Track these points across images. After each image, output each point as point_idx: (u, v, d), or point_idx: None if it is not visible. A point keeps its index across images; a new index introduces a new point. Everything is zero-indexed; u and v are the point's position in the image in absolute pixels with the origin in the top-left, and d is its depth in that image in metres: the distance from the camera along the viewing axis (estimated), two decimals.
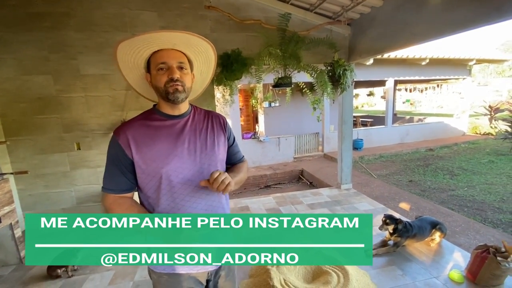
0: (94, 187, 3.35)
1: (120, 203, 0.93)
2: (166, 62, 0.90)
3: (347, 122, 4.05)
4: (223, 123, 1.10)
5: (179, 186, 0.93)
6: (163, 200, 0.94)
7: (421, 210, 3.93)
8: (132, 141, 0.91)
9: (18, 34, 2.90)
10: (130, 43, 0.88)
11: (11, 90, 2.98)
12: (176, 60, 0.91)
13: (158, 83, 0.91)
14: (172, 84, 0.90)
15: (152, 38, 0.87)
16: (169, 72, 0.90)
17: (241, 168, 1.13)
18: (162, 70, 0.91)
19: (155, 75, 0.92)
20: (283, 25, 3.13)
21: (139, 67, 0.97)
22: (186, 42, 0.92)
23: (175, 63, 0.91)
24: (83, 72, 3.10)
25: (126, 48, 0.89)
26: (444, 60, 8.01)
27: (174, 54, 0.92)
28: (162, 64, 0.90)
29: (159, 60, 0.90)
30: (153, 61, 0.92)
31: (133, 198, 0.99)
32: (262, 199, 3.98)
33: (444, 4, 2.35)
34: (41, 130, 3.11)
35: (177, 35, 0.88)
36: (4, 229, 2.38)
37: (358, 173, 5.98)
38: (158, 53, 0.91)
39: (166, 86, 0.90)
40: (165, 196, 0.93)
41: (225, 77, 3.09)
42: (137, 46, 0.89)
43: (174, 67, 0.91)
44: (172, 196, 0.93)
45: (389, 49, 3.13)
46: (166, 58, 0.90)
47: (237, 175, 1.05)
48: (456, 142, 8.87)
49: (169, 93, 0.91)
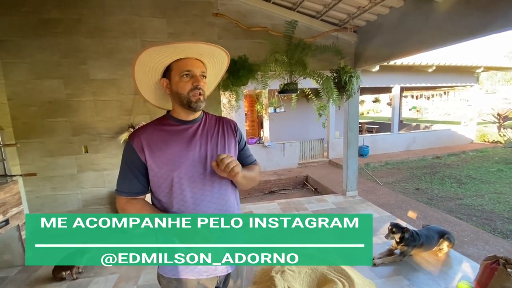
0: (100, 190, 3.38)
1: (133, 203, 0.97)
2: (192, 70, 0.94)
3: (353, 128, 4.03)
4: (234, 128, 1.12)
5: (189, 189, 0.95)
6: (175, 203, 0.95)
7: (428, 219, 3.86)
8: (146, 145, 0.94)
9: (31, 39, 2.98)
10: (159, 50, 0.90)
11: (22, 94, 3.05)
12: (199, 69, 0.96)
13: (181, 89, 0.94)
14: (196, 93, 0.94)
15: (181, 47, 0.90)
16: (193, 80, 0.94)
17: (253, 168, 1.15)
18: (186, 77, 0.94)
19: (178, 81, 0.94)
20: (290, 32, 3.16)
21: (157, 72, 0.98)
22: (210, 54, 0.97)
23: (198, 72, 0.96)
24: (92, 77, 3.16)
25: (153, 53, 0.91)
26: (451, 67, 7.96)
27: (198, 63, 0.96)
28: (188, 72, 0.94)
29: (185, 68, 0.93)
30: (176, 68, 0.95)
31: (146, 200, 1.01)
32: (266, 205, 3.96)
33: (451, 12, 2.35)
34: (50, 133, 3.17)
35: (205, 47, 0.93)
36: (12, 230, 2.41)
37: (363, 180, 5.92)
38: (183, 60, 0.94)
39: (189, 94, 0.94)
40: (176, 199, 0.95)
41: (232, 83, 3.12)
42: (164, 52, 0.92)
43: (198, 75, 0.95)
44: (183, 199, 0.95)
45: (396, 56, 3.13)
46: (191, 66, 0.94)
47: (248, 171, 1.07)
48: (463, 150, 8.74)
49: (192, 102, 0.95)
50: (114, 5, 3.10)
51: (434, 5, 2.48)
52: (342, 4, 3.09)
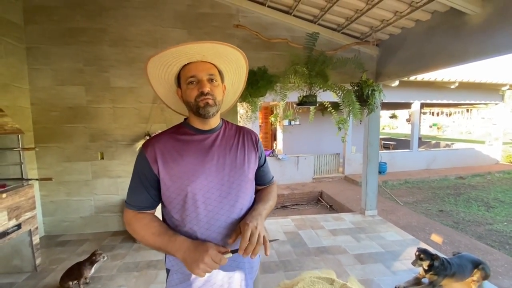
0: (113, 197, 3.36)
1: (140, 218, 0.88)
2: (196, 75, 0.86)
3: (373, 144, 3.86)
4: (255, 141, 1.03)
5: (204, 206, 0.86)
6: (187, 221, 0.86)
7: (456, 245, 3.56)
8: (159, 155, 0.86)
9: (58, 47, 3.09)
10: (159, 58, 0.84)
11: (45, 99, 3.13)
12: (205, 72, 0.87)
13: (189, 97, 0.87)
14: (203, 98, 0.85)
15: (180, 51, 0.82)
16: (199, 85, 0.86)
17: (271, 194, 1.06)
18: (192, 84, 0.86)
19: (185, 89, 0.88)
20: (310, 44, 3.11)
21: (170, 83, 0.94)
22: (215, 53, 0.87)
23: (205, 76, 0.86)
24: (113, 85, 3.21)
25: (156, 63, 0.86)
26: (475, 84, 7.66)
27: (203, 66, 0.87)
28: (192, 78, 0.86)
29: (188, 74, 0.86)
30: (183, 75, 0.88)
31: (154, 214, 0.93)
32: (280, 221, 3.80)
33: (484, 25, 2.22)
34: (69, 138, 3.21)
35: (205, 45, 0.83)
36: (23, 235, 2.38)
37: (382, 199, 5.64)
38: (187, 66, 0.87)
39: (196, 101, 0.86)
40: (189, 217, 0.86)
41: (250, 93, 3.07)
42: (167, 61, 0.85)
43: (204, 80, 0.86)
44: (196, 217, 0.86)
45: (422, 70, 2.99)
46: (195, 71, 0.86)
47: (267, 204, 0.97)
48: (489, 171, 8.25)
49: (200, 108, 0.86)
50: (138, 16, 3.18)
51: (465, 18, 2.36)
52: (364, 18, 3.02)
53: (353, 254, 2.83)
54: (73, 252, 2.85)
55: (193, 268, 0.75)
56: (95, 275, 2.39)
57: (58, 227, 3.30)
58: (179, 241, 0.80)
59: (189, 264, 0.76)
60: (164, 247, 0.82)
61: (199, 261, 0.74)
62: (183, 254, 0.78)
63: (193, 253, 0.77)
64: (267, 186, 1.10)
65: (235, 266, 0.91)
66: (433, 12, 2.67)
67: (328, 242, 3.10)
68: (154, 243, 0.83)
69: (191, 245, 0.79)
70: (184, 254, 0.78)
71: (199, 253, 0.76)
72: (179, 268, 0.88)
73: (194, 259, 0.75)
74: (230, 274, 0.90)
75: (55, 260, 2.69)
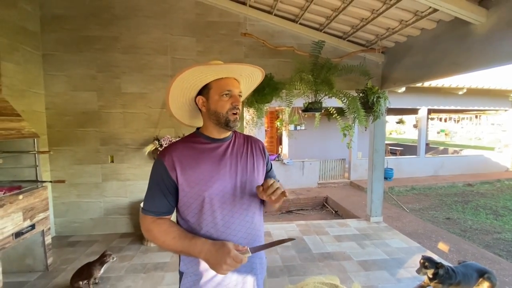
0: (121, 200, 3.44)
1: (159, 223, 0.92)
2: (232, 90, 0.94)
3: (379, 150, 3.87)
4: (262, 148, 1.10)
5: (220, 210, 0.91)
6: (204, 224, 0.91)
7: (463, 253, 3.52)
8: (177, 162, 0.92)
9: (72, 54, 3.22)
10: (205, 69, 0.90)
11: (59, 104, 3.25)
12: (238, 89, 0.97)
13: (220, 108, 0.93)
14: (235, 112, 0.94)
15: (227, 68, 0.91)
16: (232, 99, 0.94)
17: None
18: (226, 97, 0.94)
19: (217, 100, 0.94)
20: (316, 52, 3.16)
21: (195, 89, 0.97)
22: (250, 74, 0.98)
23: (237, 92, 0.96)
24: (124, 90, 3.32)
25: (198, 72, 0.90)
26: (483, 90, 7.57)
27: (236, 83, 0.97)
28: (228, 91, 0.94)
29: (226, 88, 0.93)
30: (216, 87, 0.94)
31: (171, 219, 0.97)
32: (285, 226, 3.82)
33: (490, 35, 2.23)
34: (81, 141, 3.32)
35: (249, 68, 0.94)
36: (36, 235, 2.48)
37: (388, 205, 5.60)
38: (223, 80, 0.94)
39: (228, 113, 0.93)
40: (206, 220, 0.91)
41: (256, 100, 3.13)
42: (208, 71, 0.91)
43: (237, 95, 0.95)
44: (213, 221, 0.91)
45: (427, 78, 3.01)
46: (231, 86, 0.94)
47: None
48: (498, 179, 8.10)
49: (230, 121, 0.94)
50: (149, 24, 3.29)
51: (470, 27, 2.38)
52: (370, 26, 3.06)
53: (358, 260, 2.84)
54: (83, 253, 2.93)
55: (216, 269, 0.81)
56: (104, 276, 2.46)
57: (68, 228, 3.39)
58: (200, 243, 0.85)
59: (212, 265, 0.81)
60: (186, 250, 0.86)
61: (222, 263, 0.79)
62: (205, 255, 0.83)
63: (215, 255, 0.81)
64: None
65: (249, 266, 0.95)
66: (438, 21, 2.70)
67: (332, 248, 3.11)
68: (176, 247, 0.88)
69: (212, 247, 0.83)
70: (206, 256, 0.83)
71: (221, 254, 0.80)
72: (194, 270, 0.93)
73: (217, 261, 0.80)
74: (243, 275, 0.94)
75: (66, 260, 2.77)
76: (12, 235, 2.13)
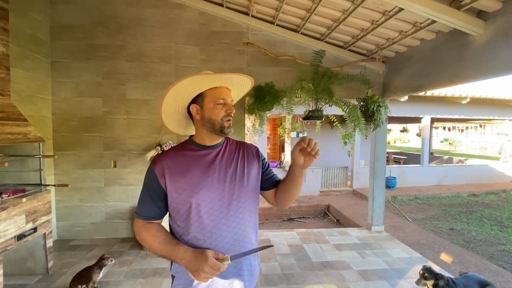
0: (123, 205, 3.48)
1: (148, 228, 0.97)
2: (225, 98, 0.99)
3: (380, 159, 3.87)
4: (256, 152, 1.12)
5: (207, 216, 0.94)
6: (192, 229, 0.94)
7: (466, 265, 3.46)
8: (166, 170, 0.96)
9: (79, 61, 3.32)
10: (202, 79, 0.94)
11: (65, 109, 3.33)
12: (230, 97, 1.02)
13: (215, 116, 0.97)
14: (229, 119, 0.99)
15: (223, 78, 0.97)
16: (226, 107, 0.98)
17: None
18: (220, 105, 0.98)
19: (212, 108, 0.98)
20: (317, 61, 3.21)
21: (189, 98, 1.01)
22: (240, 83, 1.03)
23: (230, 100, 1.01)
24: (128, 97, 3.40)
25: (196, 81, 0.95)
26: (487, 100, 7.55)
27: (228, 92, 1.02)
28: (222, 100, 0.98)
29: (220, 96, 0.98)
30: (211, 95, 0.98)
31: (161, 224, 1.01)
32: (285, 233, 3.81)
33: (488, 46, 2.26)
34: (85, 146, 3.38)
35: (241, 77, 0.99)
36: (38, 238, 2.51)
37: (390, 214, 5.54)
38: (217, 89, 0.99)
39: (222, 120, 0.98)
40: (193, 225, 0.94)
41: (257, 107, 3.18)
42: (204, 81, 0.96)
43: (230, 103, 1.00)
44: (200, 226, 0.94)
45: (427, 87, 3.03)
46: (224, 94, 0.99)
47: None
48: (504, 189, 7.98)
49: (225, 127, 0.98)
50: (155, 33, 3.39)
51: (468, 38, 2.41)
52: (370, 36, 3.11)
53: (357, 270, 2.81)
54: (83, 257, 2.95)
55: (195, 276, 0.85)
56: (103, 280, 2.47)
57: (70, 232, 3.43)
58: (182, 251, 0.89)
59: (192, 272, 0.85)
60: (170, 255, 0.91)
61: (200, 270, 0.83)
62: (185, 263, 0.87)
63: (194, 262, 0.85)
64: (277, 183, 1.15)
65: (235, 273, 0.97)
66: (437, 32, 2.74)
67: (332, 257, 3.09)
68: (161, 252, 0.93)
69: (192, 254, 0.87)
70: (186, 263, 0.87)
71: (199, 262, 0.84)
72: (183, 274, 0.95)
73: (195, 268, 0.84)
74: (230, 281, 0.96)
75: (66, 264, 2.79)
76: (14, 237, 2.16)
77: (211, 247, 0.92)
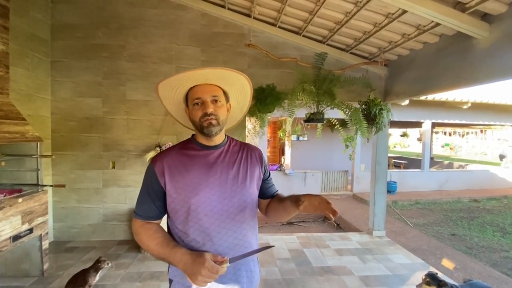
0: (121, 206, 3.43)
1: (146, 228, 0.93)
2: (201, 97, 0.93)
3: (382, 163, 3.83)
4: (259, 156, 1.08)
5: (206, 218, 0.90)
6: (190, 232, 0.91)
7: (469, 271, 3.40)
8: (166, 169, 0.92)
9: (80, 61, 3.29)
10: (168, 82, 0.93)
11: (65, 109, 3.30)
12: (210, 94, 0.93)
13: (194, 117, 0.94)
14: (206, 119, 0.91)
15: (186, 76, 0.91)
16: (203, 106, 0.92)
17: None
18: (197, 105, 0.93)
19: (191, 109, 0.95)
20: (319, 63, 3.19)
21: (180, 103, 1.01)
22: (217, 77, 0.94)
23: (209, 97, 0.93)
24: (128, 97, 3.37)
25: (165, 86, 0.94)
26: (488, 105, 7.54)
27: (208, 88, 0.94)
28: (197, 99, 0.93)
29: (194, 96, 0.94)
30: (189, 97, 0.96)
31: (160, 225, 0.97)
32: (285, 238, 3.75)
33: (493, 49, 2.24)
34: (84, 147, 3.34)
35: (207, 71, 0.90)
36: (34, 240, 2.46)
37: (391, 219, 5.49)
38: (194, 88, 0.95)
39: (201, 121, 0.92)
40: (192, 228, 0.91)
41: (258, 109, 3.15)
42: (176, 84, 0.94)
43: (208, 101, 0.93)
44: (198, 229, 0.90)
45: (431, 91, 3.01)
46: (200, 93, 0.93)
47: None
48: (505, 195, 7.93)
49: (204, 127, 0.92)
50: (156, 34, 3.37)
51: (472, 41, 2.39)
52: (373, 39, 3.10)
53: (359, 275, 2.76)
54: (79, 259, 2.90)
55: (193, 280, 0.79)
56: (99, 283, 2.41)
57: (67, 233, 3.37)
58: (180, 253, 0.84)
59: (189, 275, 0.80)
60: (167, 257, 0.86)
61: (197, 274, 0.78)
62: (183, 266, 0.82)
63: (192, 265, 0.80)
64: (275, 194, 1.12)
65: (234, 279, 0.93)
66: (440, 35, 2.72)
67: (333, 262, 3.03)
68: (158, 254, 0.88)
69: (189, 257, 0.82)
70: (184, 266, 0.82)
71: (197, 265, 0.79)
72: (181, 278, 0.91)
73: (193, 272, 0.79)
74: (228, 285, 0.92)
75: (62, 266, 2.74)
76: (9, 238, 2.11)
77: (211, 251, 0.88)
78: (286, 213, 0.99)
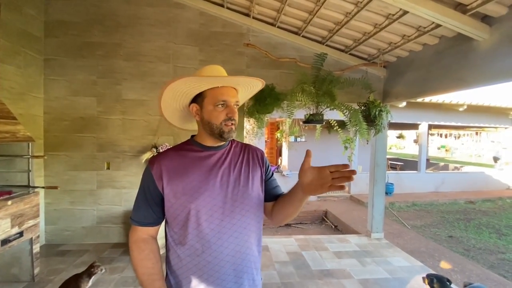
0: (116, 208, 3.35)
1: (141, 249, 0.89)
2: (227, 100, 0.88)
3: (380, 164, 3.81)
4: (261, 157, 1.02)
5: (207, 224, 0.85)
6: (189, 238, 0.85)
7: (467, 274, 3.39)
8: (165, 172, 0.87)
9: (74, 59, 3.21)
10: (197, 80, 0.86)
11: (58, 109, 3.22)
12: (234, 99, 0.90)
13: (214, 119, 0.88)
14: (229, 123, 0.88)
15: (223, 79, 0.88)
16: (228, 110, 0.88)
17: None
18: (221, 107, 0.88)
19: (211, 110, 0.88)
20: (318, 64, 3.16)
21: (187, 97, 0.93)
22: (248, 83, 0.93)
23: (233, 102, 0.89)
24: (124, 97, 3.30)
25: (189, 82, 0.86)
26: (484, 107, 7.59)
27: (233, 92, 0.91)
28: (223, 102, 0.88)
29: (221, 97, 0.87)
30: (211, 96, 0.88)
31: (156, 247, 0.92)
32: (283, 240, 3.70)
33: (494, 51, 2.23)
34: (77, 147, 3.26)
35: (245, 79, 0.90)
36: (24, 243, 2.37)
37: (388, 221, 5.47)
38: (219, 89, 0.88)
39: (222, 124, 0.88)
40: (191, 234, 0.85)
41: (257, 110, 3.11)
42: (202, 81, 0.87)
43: (233, 106, 0.89)
44: (198, 235, 0.85)
45: (430, 93, 3.00)
46: (227, 96, 0.88)
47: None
48: (500, 196, 7.99)
49: (225, 132, 0.88)
50: (153, 33, 3.31)
51: (473, 43, 2.38)
52: (372, 40, 3.08)
53: (358, 279, 2.72)
54: (72, 263, 2.81)
55: None
56: None
57: (59, 236, 3.28)
58: None
59: None
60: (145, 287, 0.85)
61: None
62: None
63: None
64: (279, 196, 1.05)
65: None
66: (440, 37, 2.71)
67: (332, 265, 2.99)
68: (140, 283, 0.86)
69: None
70: None
71: None
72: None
73: None
74: None
75: (54, 271, 2.65)
76: None
77: (210, 259, 0.84)
78: (292, 206, 0.91)
